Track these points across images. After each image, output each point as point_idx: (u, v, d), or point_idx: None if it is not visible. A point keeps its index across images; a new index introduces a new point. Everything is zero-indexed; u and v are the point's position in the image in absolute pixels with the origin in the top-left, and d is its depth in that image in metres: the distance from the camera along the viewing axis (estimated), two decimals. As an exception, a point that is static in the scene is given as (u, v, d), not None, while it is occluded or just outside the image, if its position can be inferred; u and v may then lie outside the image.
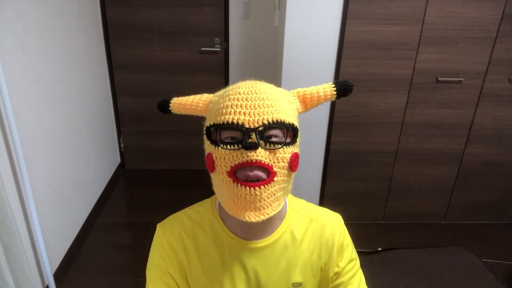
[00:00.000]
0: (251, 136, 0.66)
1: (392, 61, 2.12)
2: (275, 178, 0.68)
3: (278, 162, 0.68)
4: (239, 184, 0.67)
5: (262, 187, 0.67)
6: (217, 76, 2.96)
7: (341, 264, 0.83)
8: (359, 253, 0.89)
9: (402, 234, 2.47)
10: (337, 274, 0.84)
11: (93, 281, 2.02)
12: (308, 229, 0.82)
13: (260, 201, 0.68)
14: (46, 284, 1.87)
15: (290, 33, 2.02)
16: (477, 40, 2.09)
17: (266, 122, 0.67)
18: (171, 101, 0.80)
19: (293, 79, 2.11)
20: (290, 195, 0.84)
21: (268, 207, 0.69)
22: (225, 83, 2.97)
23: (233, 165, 0.67)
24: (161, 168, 3.22)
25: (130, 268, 2.12)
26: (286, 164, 0.69)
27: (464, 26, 2.05)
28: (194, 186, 2.92)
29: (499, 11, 2.03)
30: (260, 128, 0.67)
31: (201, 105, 0.77)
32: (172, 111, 0.81)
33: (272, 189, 0.68)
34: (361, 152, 2.35)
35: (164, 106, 0.80)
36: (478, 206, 2.56)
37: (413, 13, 2.02)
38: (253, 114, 0.67)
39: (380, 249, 2.27)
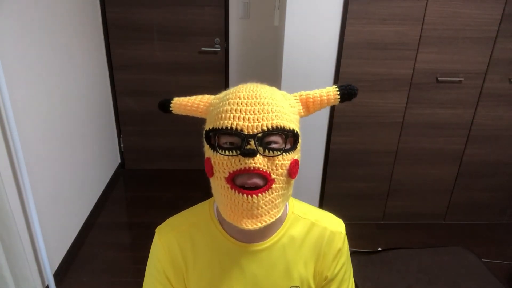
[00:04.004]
0: (250, 143, 0.65)
1: (392, 61, 2.12)
2: (273, 185, 0.68)
3: (276, 169, 0.67)
4: (236, 191, 0.67)
5: (260, 194, 0.66)
6: (217, 76, 2.95)
7: (334, 271, 0.83)
8: (359, 253, 0.89)
9: (402, 234, 2.46)
10: (327, 279, 0.83)
11: (93, 281, 2.02)
12: (309, 233, 0.82)
13: (258, 209, 0.67)
14: (46, 284, 1.88)
15: (290, 33, 2.01)
16: (477, 40, 2.09)
17: (265, 128, 0.66)
18: (172, 101, 0.79)
19: (293, 79, 2.11)
20: (291, 198, 0.83)
21: (265, 214, 0.68)
22: (225, 83, 2.97)
23: (231, 171, 0.67)
24: (161, 168, 3.21)
25: (130, 268, 2.12)
26: (285, 171, 0.68)
27: (464, 26, 2.05)
28: (194, 186, 2.92)
29: (499, 11, 2.03)
30: (259, 135, 0.66)
31: (201, 106, 0.76)
32: (172, 111, 0.80)
33: (270, 197, 0.68)
34: (361, 152, 2.35)
35: (165, 106, 0.80)
36: (478, 206, 2.56)
37: (413, 13, 2.02)
38: (253, 119, 0.66)
39: (380, 249, 2.27)
